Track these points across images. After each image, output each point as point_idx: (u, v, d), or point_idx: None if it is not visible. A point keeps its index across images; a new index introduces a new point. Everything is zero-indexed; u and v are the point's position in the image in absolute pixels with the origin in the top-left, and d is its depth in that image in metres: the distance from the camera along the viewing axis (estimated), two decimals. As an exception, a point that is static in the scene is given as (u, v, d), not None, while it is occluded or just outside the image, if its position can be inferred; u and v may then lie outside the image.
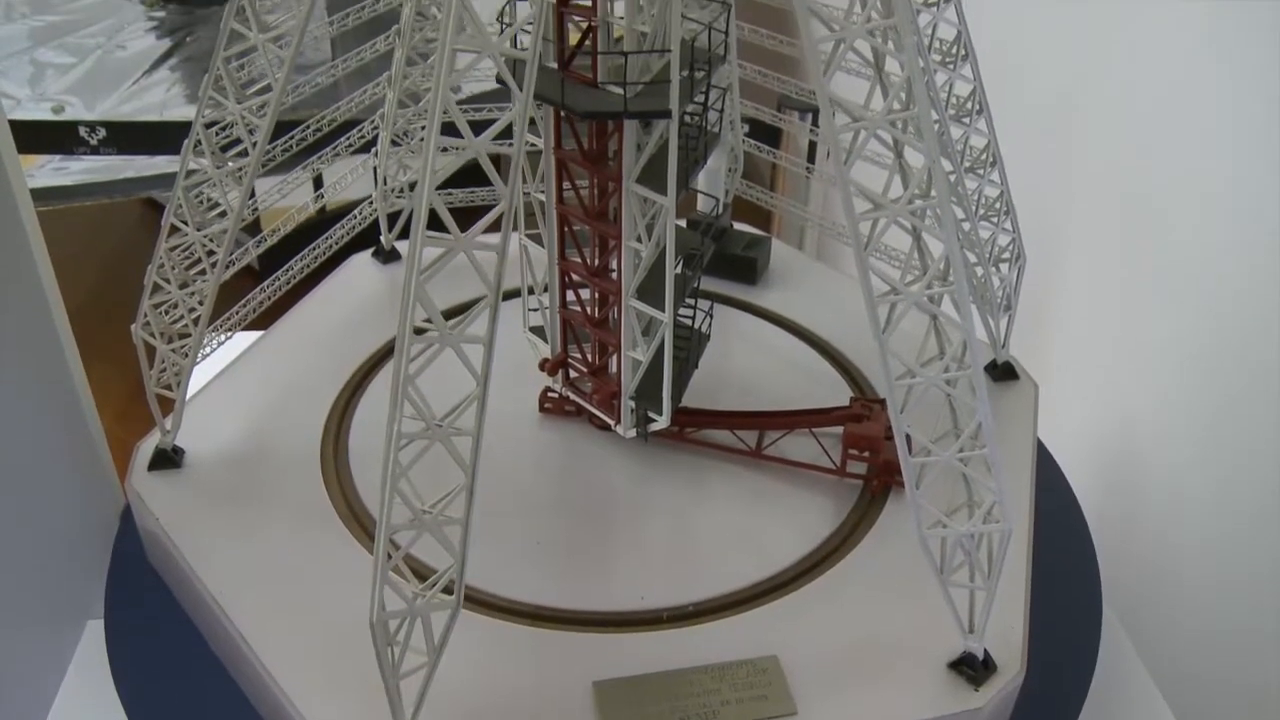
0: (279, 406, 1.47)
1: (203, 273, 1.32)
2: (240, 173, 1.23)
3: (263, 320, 1.52)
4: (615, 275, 1.24)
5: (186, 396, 1.37)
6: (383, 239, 1.71)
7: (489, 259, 0.96)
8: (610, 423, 1.35)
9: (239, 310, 1.46)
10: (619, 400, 1.31)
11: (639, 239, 1.20)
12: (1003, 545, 1.09)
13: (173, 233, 1.30)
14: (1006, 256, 1.50)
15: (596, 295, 1.29)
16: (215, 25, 3.04)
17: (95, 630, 1.34)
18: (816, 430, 1.36)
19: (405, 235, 1.70)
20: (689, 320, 1.33)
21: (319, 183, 1.61)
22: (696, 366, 1.36)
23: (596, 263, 1.26)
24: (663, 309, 1.21)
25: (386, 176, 1.59)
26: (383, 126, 1.53)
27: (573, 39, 1.16)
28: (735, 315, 1.63)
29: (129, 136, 2.59)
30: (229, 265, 1.31)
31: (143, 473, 1.37)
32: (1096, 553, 1.46)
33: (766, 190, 1.71)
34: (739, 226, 1.73)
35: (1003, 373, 1.55)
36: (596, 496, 1.35)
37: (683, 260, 1.25)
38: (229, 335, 1.45)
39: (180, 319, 1.35)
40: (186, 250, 1.31)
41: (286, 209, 1.54)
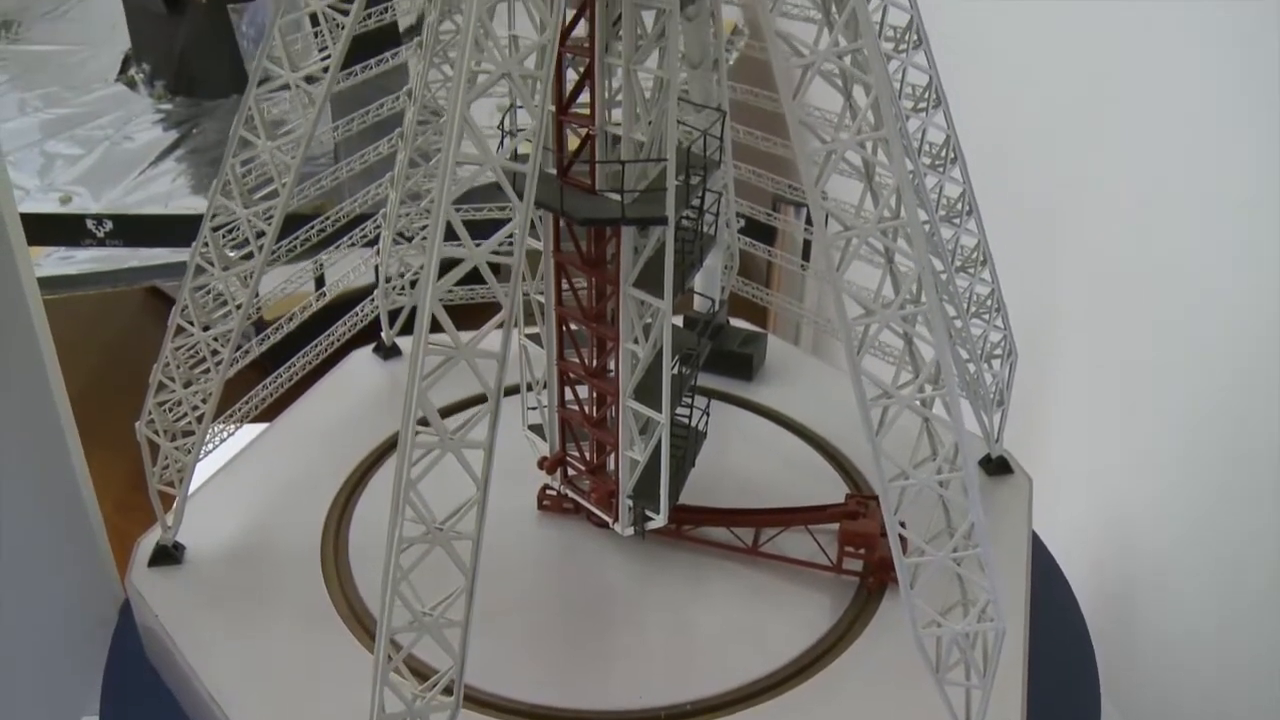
0: (280, 502, 1.48)
1: (207, 371, 1.34)
2: (246, 276, 1.26)
3: (264, 413, 1.54)
4: (613, 376, 1.26)
5: (188, 492, 1.39)
6: (384, 335, 1.73)
7: (490, 366, 0.98)
8: (608, 521, 1.36)
9: (241, 406, 1.48)
10: (617, 499, 1.33)
11: (636, 340, 1.23)
12: (997, 644, 1.10)
13: (179, 333, 1.33)
14: (999, 353, 1.52)
15: (594, 395, 1.31)
16: (221, 118, 3.14)
17: (92, 728, 1.34)
18: (813, 527, 1.37)
19: (406, 331, 1.74)
20: (686, 418, 1.35)
21: (320, 281, 1.64)
22: (693, 464, 1.37)
23: (594, 363, 1.28)
24: (660, 410, 1.23)
25: (389, 274, 1.61)
26: (385, 225, 1.56)
27: (571, 142, 1.19)
28: (732, 411, 1.65)
29: (135, 229, 2.62)
30: (233, 363, 1.33)
31: (143, 569, 1.38)
32: (1094, 646, 1.46)
33: (762, 287, 1.74)
34: (735, 323, 1.76)
35: (997, 467, 1.57)
36: (595, 594, 1.36)
37: (679, 360, 1.28)
38: (232, 431, 1.47)
39: (184, 416, 1.37)
40: (192, 350, 1.33)
41: (290, 304, 1.57)
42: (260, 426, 1.61)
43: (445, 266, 0.95)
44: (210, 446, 1.42)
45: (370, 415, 1.61)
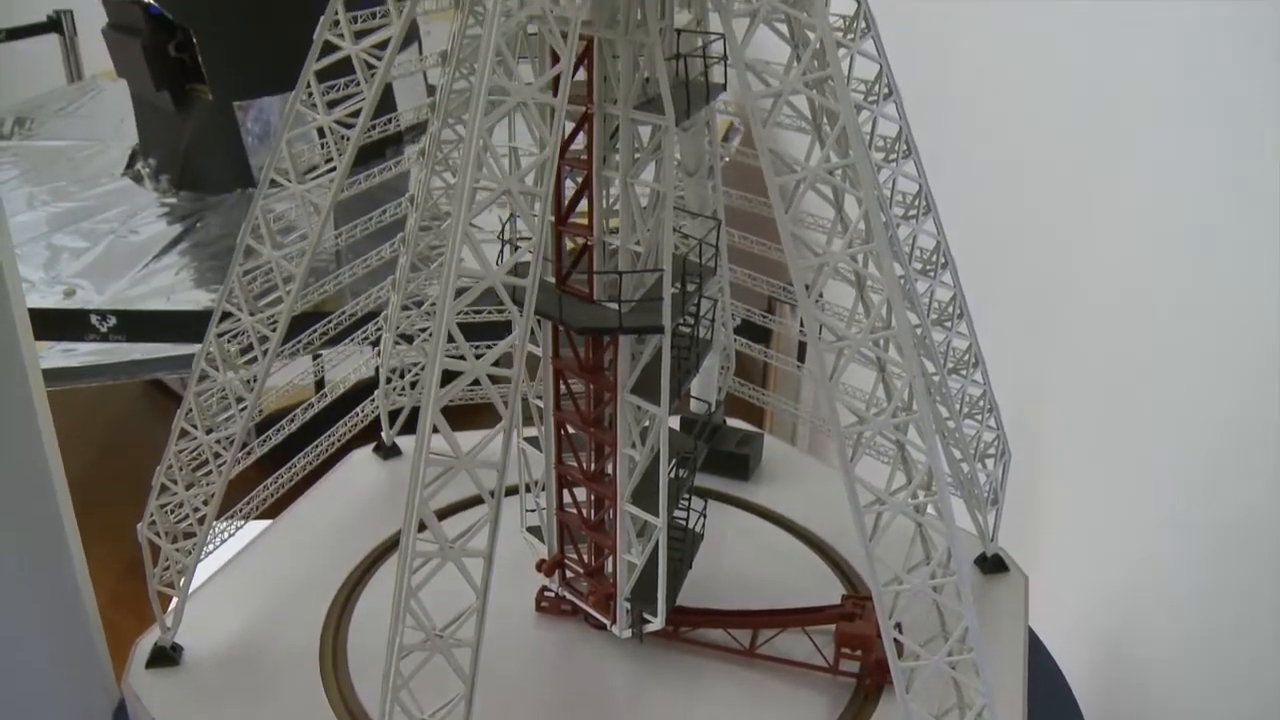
0: (279, 603, 1.48)
1: (209, 473, 1.36)
2: (250, 381, 1.28)
3: (265, 510, 1.55)
4: (611, 479, 1.27)
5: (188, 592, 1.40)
6: (384, 435, 1.75)
7: (489, 475, 1.00)
8: (606, 623, 1.36)
9: (243, 507, 1.49)
10: (615, 601, 1.33)
11: (634, 445, 1.24)
12: (994, 749, 1.11)
13: (182, 436, 1.35)
14: (992, 452, 1.54)
15: (593, 498, 1.32)
16: (225, 212, 3.19)
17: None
18: (810, 628, 1.38)
19: (406, 431, 1.76)
20: (683, 520, 1.36)
21: (321, 384, 1.66)
22: (690, 566, 1.38)
23: (592, 467, 1.30)
24: (657, 513, 1.25)
25: (389, 375, 1.64)
26: (386, 328, 1.58)
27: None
28: (729, 511, 1.66)
29: (139, 325, 2.65)
30: (235, 463, 1.35)
31: (141, 670, 1.38)
32: (1092, 743, 1.46)
33: (759, 388, 1.76)
34: (732, 422, 1.78)
35: (993, 565, 1.57)
36: (593, 696, 1.36)
37: (677, 462, 1.29)
38: (233, 531, 1.48)
39: (185, 518, 1.38)
40: (195, 452, 1.35)
41: (289, 397, 1.59)
42: (260, 523, 1.62)
43: (446, 376, 0.97)
44: (211, 547, 1.43)
45: (370, 515, 1.62)
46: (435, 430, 0.97)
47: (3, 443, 1.42)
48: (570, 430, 1.31)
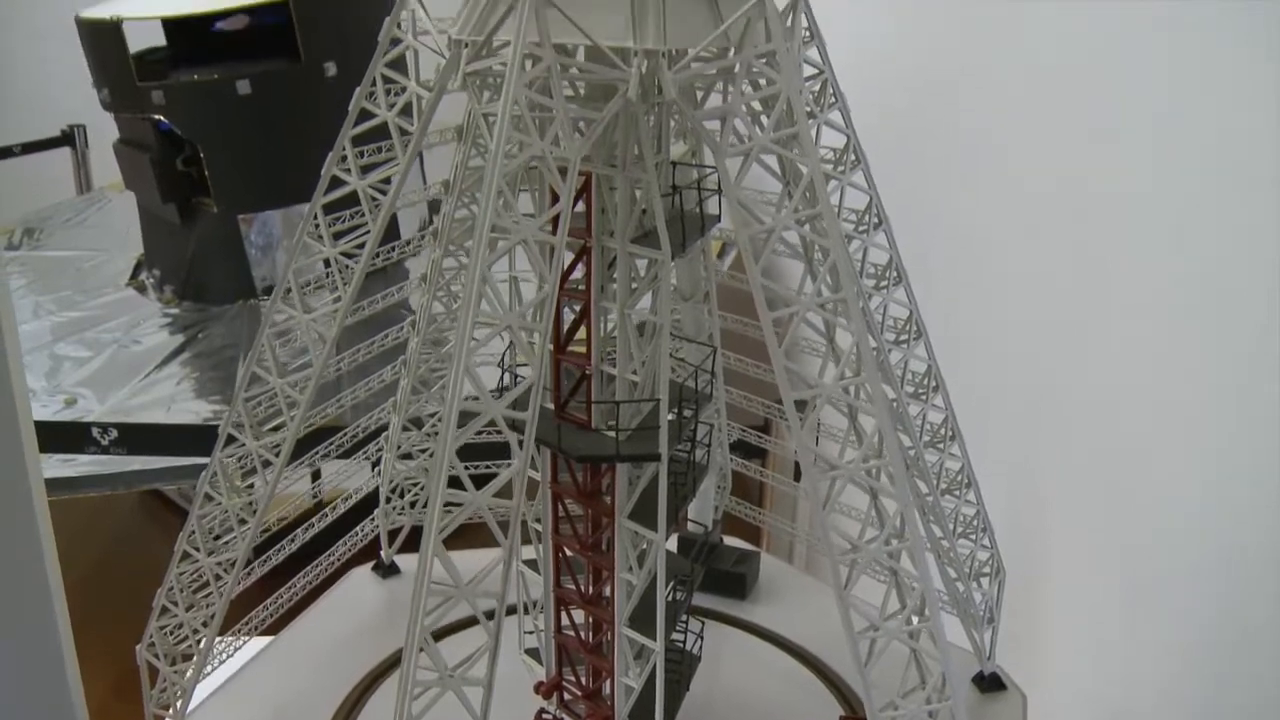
0: (276, 725, 1.48)
1: (210, 595, 1.37)
2: (252, 505, 1.30)
3: (264, 628, 1.55)
4: (608, 603, 1.28)
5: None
6: (383, 554, 1.76)
7: (488, 603, 1.01)
8: (604, 746, 1.36)
9: (242, 626, 1.50)
10: (613, 724, 1.33)
11: (631, 569, 1.26)
12: None
13: (184, 558, 1.36)
14: (987, 571, 1.55)
15: (590, 621, 1.33)
16: (227, 323, 3.23)
17: None
18: (808, 750, 1.38)
19: (405, 549, 1.77)
20: (680, 642, 1.37)
21: (320, 505, 1.67)
22: (688, 688, 1.39)
23: (590, 590, 1.31)
24: (655, 637, 1.26)
25: (389, 495, 1.65)
26: (386, 448, 1.60)
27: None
28: (726, 631, 1.66)
29: (140, 438, 2.67)
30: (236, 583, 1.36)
31: (137, 794, 1.37)
32: None
33: (755, 506, 1.77)
34: (729, 541, 1.79)
35: (990, 684, 1.57)
36: (590, 822, 1.35)
37: (673, 584, 1.30)
38: (231, 652, 1.48)
39: (185, 640, 1.39)
40: (196, 574, 1.36)
41: (289, 514, 1.60)
42: (259, 640, 1.62)
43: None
44: (209, 668, 1.43)
45: (369, 634, 1.62)
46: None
47: (2, 554, 1.43)
48: (568, 554, 1.32)
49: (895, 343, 1.36)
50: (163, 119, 3.14)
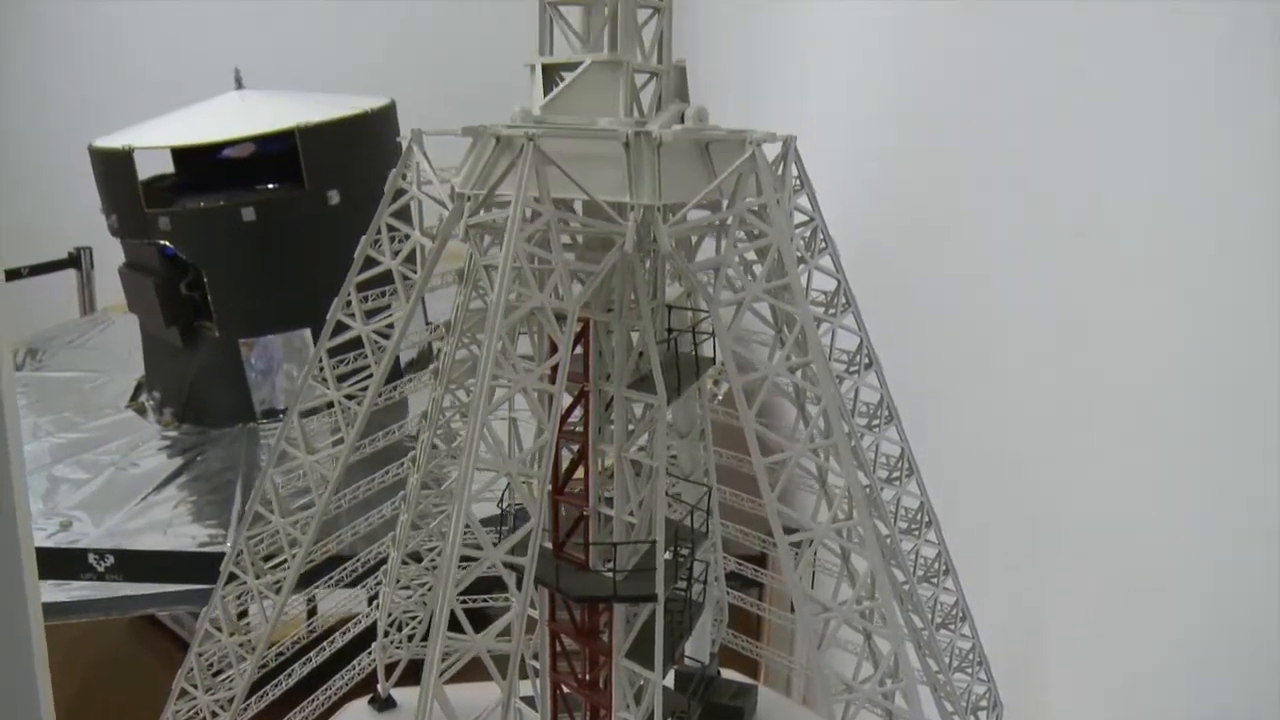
0: None
1: (206, 734, 1.37)
2: (250, 645, 1.31)
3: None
4: (606, 742, 1.29)
5: None
6: (380, 688, 1.75)
7: None
8: None
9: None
10: None
11: (629, 707, 1.26)
12: None
13: (181, 696, 1.36)
14: (984, 705, 1.55)
15: (588, 760, 1.33)
16: (225, 446, 3.24)
17: None
18: None
19: (402, 683, 1.76)
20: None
21: (318, 641, 1.68)
22: (687, 825, 1.38)
23: (588, 729, 1.31)
24: (653, 774, 1.26)
25: (387, 628, 1.66)
26: (385, 582, 1.61)
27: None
28: (723, 766, 1.65)
29: (136, 564, 2.67)
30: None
31: None
32: None
33: (752, 640, 1.77)
34: (726, 674, 1.78)
35: (991, 822, 1.56)
36: None
37: (671, 721, 1.31)
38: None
39: (181, 778, 1.38)
40: (191, 713, 1.36)
41: (288, 653, 1.60)
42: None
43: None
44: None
45: (364, 770, 1.62)
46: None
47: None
48: (566, 690, 1.33)
49: (888, 480, 1.38)
50: (168, 244, 3.20)
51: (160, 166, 3.47)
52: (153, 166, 3.39)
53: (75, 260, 4.56)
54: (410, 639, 1.67)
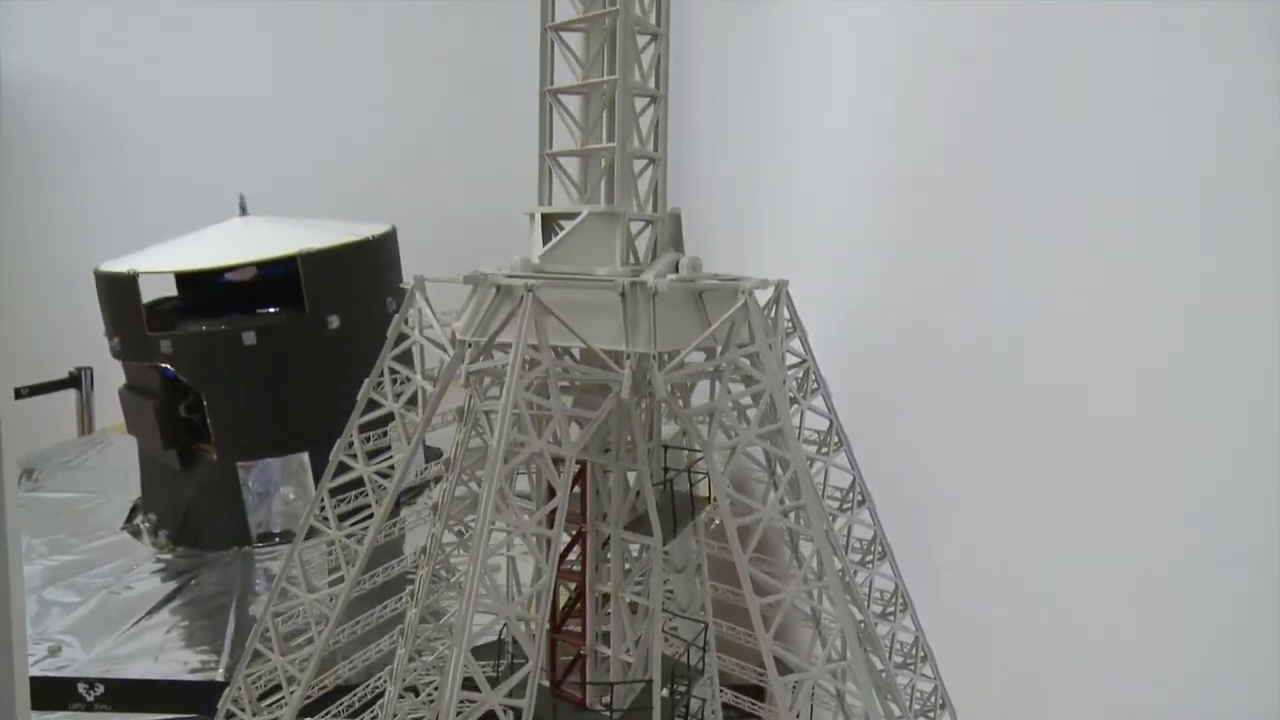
0: None
1: None
2: (247, 787, 1.31)
3: None
4: None
5: None
6: (376, 823, 1.74)
7: None
8: None
9: None
10: None
11: None
12: None
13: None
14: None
15: None
16: (220, 569, 3.23)
17: None
18: None
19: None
20: None
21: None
22: None
23: None
24: None
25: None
26: (382, 717, 1.61)
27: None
28: None
29: (127, 695, 2.65)
30: None
31: None
32: None
33: (749, 772, 1.77)
34: (725, 805, 1.78)
35: None
36: None
37: None
38: None
39: None
40: None
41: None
42: None
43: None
44: None
45: None
46: None
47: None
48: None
49: (882, 615, 1.40)
50: (168, 366, 3.23)
51: (163, 289, 3.53)
52: (156, 289, 3.44)
53: (76, 380, 4.60)
54: (408, 772, 1.66)
